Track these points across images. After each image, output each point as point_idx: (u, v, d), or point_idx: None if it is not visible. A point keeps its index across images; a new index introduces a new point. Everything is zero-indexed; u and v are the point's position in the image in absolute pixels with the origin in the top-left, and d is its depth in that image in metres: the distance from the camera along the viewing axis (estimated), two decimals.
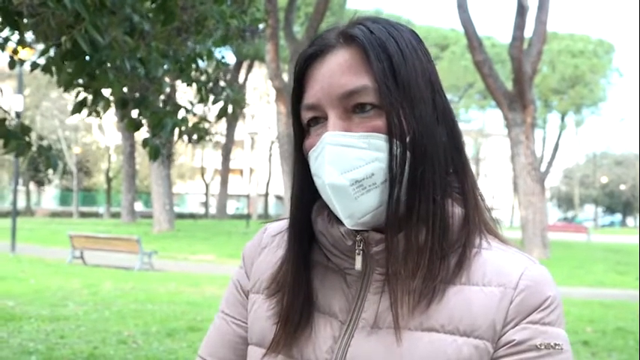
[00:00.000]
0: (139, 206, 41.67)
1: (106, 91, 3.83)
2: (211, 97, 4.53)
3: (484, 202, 0.87)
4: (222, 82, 4.67)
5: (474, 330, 0.78)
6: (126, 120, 4.11)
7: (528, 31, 17.72)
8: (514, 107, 17.63)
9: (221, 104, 4.53)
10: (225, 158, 38.21)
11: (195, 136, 4.64)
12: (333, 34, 0.84)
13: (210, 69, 4.64)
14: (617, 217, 72.46)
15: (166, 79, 4.37)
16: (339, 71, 0.80)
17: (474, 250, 0.83)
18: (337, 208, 0.79)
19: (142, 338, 6.54)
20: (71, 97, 3.97)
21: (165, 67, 3.91)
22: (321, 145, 0.80)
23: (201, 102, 4.52)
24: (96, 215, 42.60)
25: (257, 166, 52.50)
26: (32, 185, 45.47)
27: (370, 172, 0.78)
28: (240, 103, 4.79)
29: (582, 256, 20.32)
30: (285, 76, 20.35)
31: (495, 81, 17.79)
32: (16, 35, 3.48)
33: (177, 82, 4.72)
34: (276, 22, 19.22)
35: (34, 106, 37.71)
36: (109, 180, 43.41)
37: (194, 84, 4.33)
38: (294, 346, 0.85)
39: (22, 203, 40.08)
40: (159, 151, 4.04)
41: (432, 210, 0.79)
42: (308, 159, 0.84)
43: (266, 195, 47.98)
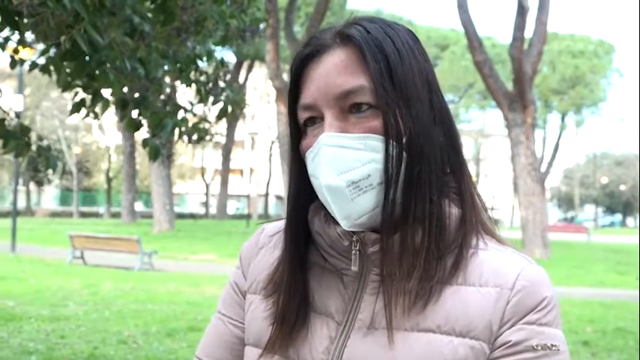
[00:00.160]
0: (139, 206, 41.66)
1: (106, 92, 3.83)
2: (211, 98, 4.53)
3: (481, 202, 0.87)
4: (221, 83, 4.66)
5: (470, 330, 0.78)
6: (126, 120, 4.11)
7: (529, 32, 17.76)
8: (514, 107, 17.63)
9: (221, 105, 4.53)
10: (226, 158, 38.22)
11: (195, 137, 4.65)
12: (329, 34, 0.83)
13: (210, 69, 4.63)
14: (618, 217, 72.44)
15: (166, 79, 4.37)
16: (335, 71, 0.80)
17: (471, 250, 0.82)
18: (334, 209, 0.79)
19: (142, 338, 6.54)
20: (71, 97, 3.96)
21: (166, 67, 3.91)
22: (317, 145, 0.79)
23: (200, 102, 4.52)
24: (96, 215, 42.61)
25: (257, 166, 52.50)
26: (32, 185, 45.47)
27: (367, 173, 0.77)
28: (239, 104, 4.79)
29: (582, 257, 20.31)
30: (285, 76, 20.33)
31: (496, 81, 17.80)
32: (16, 35, 3.48)
33: (177, 83, 4.71)
34: (277, 22, 19.22)
35: (35, 106, 37.70)
36: (109, 180, 43.42)
37: (194, 84, 4.33)
38: (291, 347, 0.85)
39: (22, 203, 40.08)
40: (159, 151, 4.04)
41: (428, 210, 0.79)
42: (305, 159, 0.84)
43: (266, 195, 47.98)
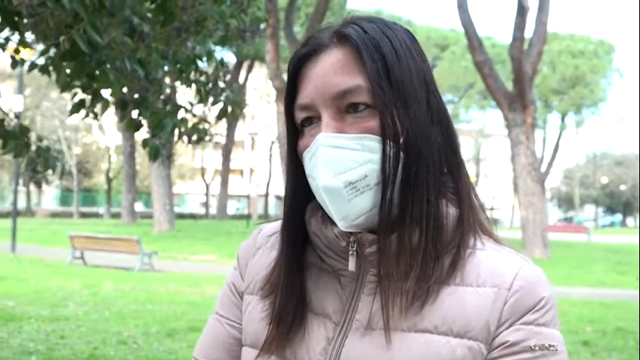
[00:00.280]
0: (139, 206, 41.67)
1: (106, 92, 3.83)
2: (211, 98, 4.53)
3: (479, 202, 0.86)
4: (221, 83, 4.66)
5: (467, 331, 0.78)
6: (126, 120, 4.11)
7: (529, 32, 17.76)
8: (514, 107, 17.63)
9: (221, 105, 4.52)
10: (226, 158, 38.22)
11: (195, 137, 4.64)
12: (326, 33, 0.83)
13: (210, 70, 4.63)
14: (618, 217, 72.41)
15: (166, 80, 4.37)
16: (332, 71, 0.80)
17: (468, 250, 0.82)
18: (331, 210, 0.79)
19: (142, 338, 6.54)
20: (70, 98, 3.96)
21: (166, 68, 3.91)
22: (314, 146, 0.79)
23: (200, 102, 4.52)
24: (96, 216, 42.61)
25: (257, 166, 52.50)
26: (32, 186, 45.47)
27: (364, 173, 0.77)
28: (239, 104, 4.78)
29: (582, 256, 20.30)
30: (285, 77, 20.32)
31: (495, 81, 17.80)
32: (16, 35, 3.48)
33: (177, 83, 4.71)
34: (277, 22, 19.22)
35: (35, 107, 37.70)
36: (109, 180, 43.41)
37: (193, 85, 4.33)
38: (288, 348, 0.84)
39: (22, 204, 40.06)
40: (159, 152, 4.04)
41: (425, 210, 0.78)
42: (302, 159, 0.83)
43: (266, 195, 47.98)
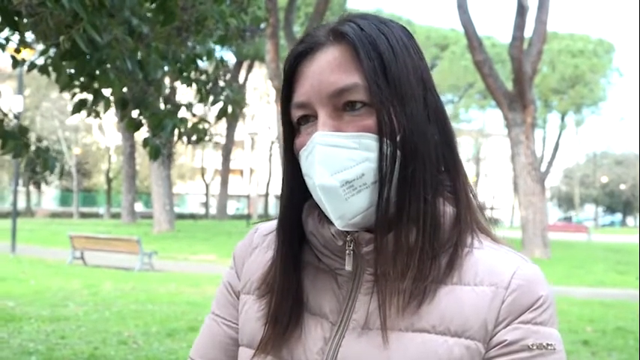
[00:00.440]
0: (139, 207, 41.68)
1: (106, 91, 3.83)
2: (211, 98, 4.53)
3: (476, 200, 0.86)
4: (221, 83, 4.66)
5: (465, 330, 0.77)
6: (126, 120, 4.11)
7: (528, 31, 17.75)
8: (514, 107, 17.63)
9: (221, 104, 4.52)
10: (226, 158, 38.21)
11: (194, 137, 4.64)
12: (323, 31, 0.82)
13: (210, 69, 4.63)
14: (618, 216, 72.37)
15: (166, 80, 4.37)
16: (328, 69, 0.79)
17: (466, 249, 0.81)
18: (328, 209, 0.78)
19: (142, 339, 6.54)
20: (70, 98, 3.96)
21: (165, 68, 3.91)
22: (311, 144, 0.78)
23: (200, 102, 4.52)
24: (96, 216, 42.61)
25: (257, 166, 52.49)
26: (32, 186, 45.47)
27: (360, 172, 0.76)
28: (239, 104, 4.78)
29: (582, 256, 20.30)
30: None
31: (495, 81, 17.79)
32: (16, 35, 3.48)
33: (177, 83, 4.71)
34: (277, 22, 19.22)
35: (34, 107, 37.70)
36: (109, 180, 43.41)
37: (194, 84, 4.33)
38: (284, 348, 0.84)
39: (22, 204, 40.07)
40: (159, 151, 4.04)
41: (422, 209, 0.78)
42: (298, 158, 0.83)
43: (266, 195, 47.95)
